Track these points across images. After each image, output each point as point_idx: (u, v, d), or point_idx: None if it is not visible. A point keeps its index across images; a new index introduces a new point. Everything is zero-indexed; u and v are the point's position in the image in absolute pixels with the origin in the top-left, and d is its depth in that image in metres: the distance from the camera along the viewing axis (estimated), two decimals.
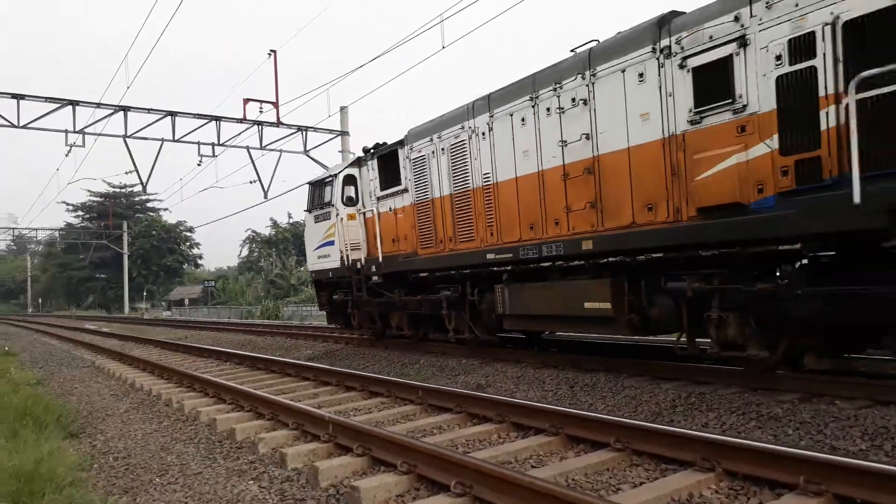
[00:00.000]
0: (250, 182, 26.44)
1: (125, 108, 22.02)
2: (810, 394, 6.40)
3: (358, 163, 13.87)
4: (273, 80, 23.03)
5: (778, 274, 6.49)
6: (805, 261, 6.32)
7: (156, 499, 4.98)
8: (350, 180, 13.81)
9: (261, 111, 23.57)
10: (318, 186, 14.54)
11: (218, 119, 23.69)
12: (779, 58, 6.25)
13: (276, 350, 14.99)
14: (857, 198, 5.39)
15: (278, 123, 23.82)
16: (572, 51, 8.76)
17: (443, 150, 11.03)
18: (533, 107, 9.13)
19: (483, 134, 10.09)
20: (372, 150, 13.23)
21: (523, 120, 9.32)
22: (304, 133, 25.00)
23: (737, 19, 6.61)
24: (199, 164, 24.84)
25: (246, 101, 23.39)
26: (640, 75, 7.65)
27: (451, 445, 5.45)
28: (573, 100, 8.47)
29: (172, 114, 22.90)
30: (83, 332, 28.63)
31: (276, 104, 23.48)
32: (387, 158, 12.62)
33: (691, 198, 7.05)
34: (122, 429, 7.59)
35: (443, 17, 14.22)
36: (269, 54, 22.93)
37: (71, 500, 4.30)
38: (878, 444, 5.06)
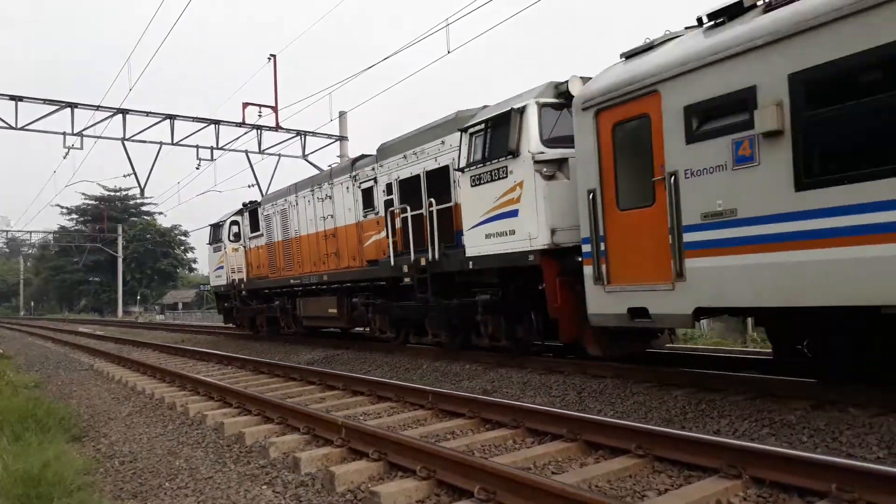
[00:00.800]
0: (248, 186, 26.45)
1: (124, 111, 21.92)
2: (823, 401, 6.34)
3: (241, 212, 20.37)
4: (273, 85, 23.01)
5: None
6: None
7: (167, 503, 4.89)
8: (235, 224, 20.52)
9: (260, 115, 23.53)
10: (214, 227, 21.46)
11: (217, 123, 23.62)
12: (384, 191, 12.75)
13: (274, 354, 14.88)
14: (392, 262, 12.19)
15: (277, 128, 23.76)
16: (329, 166, 16.33)
17: (278, 212, 17.49)
18: (312, 194, 15.60)
19: (294, 205, 16.51)
20: (247, 205, 20.08)
21: (309, 201, 15.75)
22: (302, 137, 24.96)
23: (373, 169, 13.14)
24: (197, 168, 24.78)
25: (245, 104, 23.35)
26: (347, 188, 14.13)
27: (467, 451, 5.36)
28: (327, 195, 14.91)
29: (171, 117, 22.83)
30: (78, 335, 28.41)
31: (275, 108, 23.43)
32: (252, 213, 19.50)
33: (364, 255, 13.62)
34: (126, 432, 7.48)
35: (448, 21, 14.20)
36: (269, 59, 22.89)
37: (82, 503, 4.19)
38: (895, 451, 5.01)
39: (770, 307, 6.28)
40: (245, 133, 24.10)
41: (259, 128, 23.88)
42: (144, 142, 22.98)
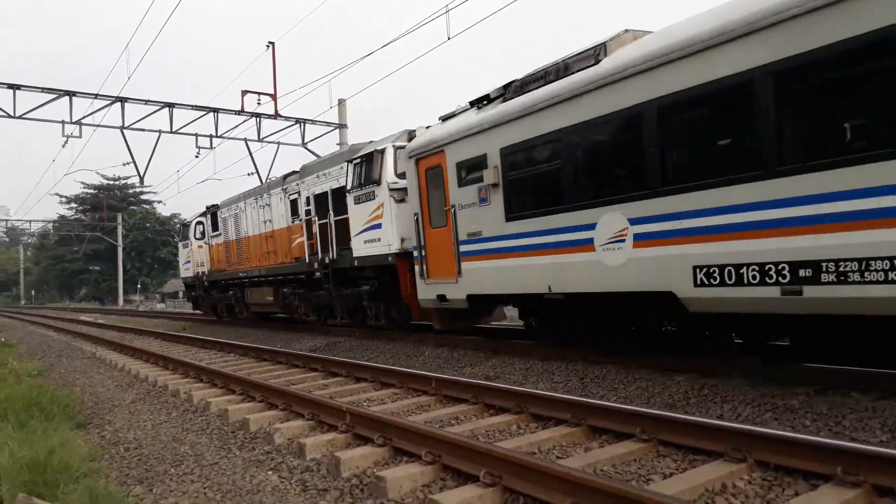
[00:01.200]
0: (248, 174, 26.34)
1: (123, 99, 21.79)
2: (825, 386, 6.35)
3: (205, 214, 23.41)
4: (272, 72, 22.89)
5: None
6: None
7: (172, 489, 4.90)
8: (200, 224, 23.72)
9: (259, 103, 23.40)
10: (183, 226, 25.24)
11: (216, 111, 23.49)
12: (305, 203, 15.60)
13: (276, 342, 14.90)
14: (307, 260, 15.42)
15: (276, 116, 23.64)
16: (268, 179, 20.15)
17: (232, 215, 20.75)
18: (256, 202, 18.83)
19: (244, 210, 19.74)
20: (209, 208, 22.91)
21: (254, 207, 18.97)
22: (302, 125, 24.83)
23: (297, 184, 16.05)
24: (196, 156, 24.66)
25: (244, 92, 23.18)
26: (280, 198, 17.18)
27: (472, 436, 5.38)
28: (266, 203, 18.09)
29: (170, 105, 22.69)
30: (79, 323, 28.44)
31: (274, 96, 23.30)
32: (213, 215, 22.54)
33: (292, 253, 16.51)
34: (130, 419, 7.50)
35: (448, 7, 14.10)
36: (268, 46, 22.76)
37: (91, 490, 4.20)
38: None
39: (501, 293, 9.83)
40: (244, 121, 23.96)
41: (258, 116, 23.75)
42: (143, 130, 22.88)
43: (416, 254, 11.31)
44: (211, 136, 23.93)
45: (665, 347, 8.34)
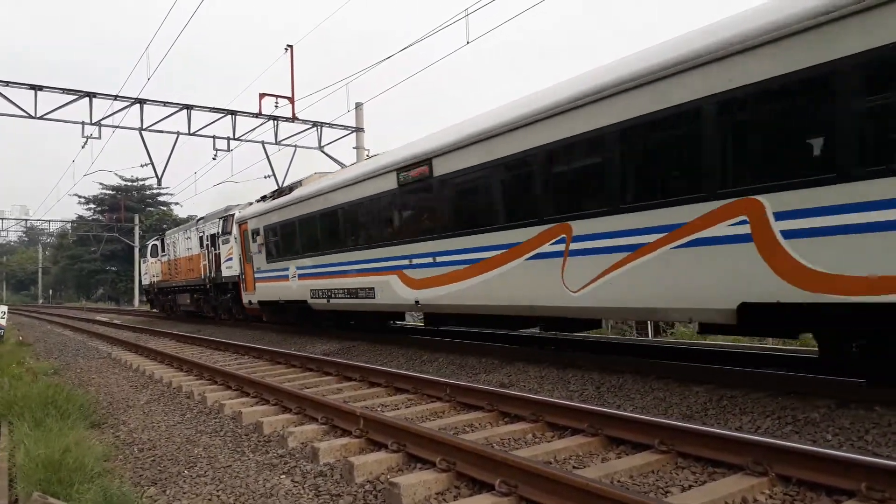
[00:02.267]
0: (265, 177, 26.59)
1: (142, 101, 21.98)
2: (847, 398, 6.24)
3: (158, 238, 32.44)
4: (289, 75, 23.01)
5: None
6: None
7: (186, 491, 4.89)
8: (155, 246, 32.33)
9: (276, 106, 23.52)
10: (143, 248, 36.36)
11: (233, 113, 23.64)
12: (206, 238, 24.69)
13: (290, 345, 14.91)
14: (203, 276, 25.33)
15: (294, 119, 23.76)
16: (200, 218, 27.72)
17: (172, 241, 29.11)
18: (184, 234, 27.35)
19: (178, 239, 28.08)
20: (161, 234, 32.05)
21: (182, 238, 27.42)
22: (319, 129, 24.94)
23: (202, 225, 25.32)
24: (214, 158, 24.83)
25: (262, 95, 23.33)
26: (195, 234, 25.66)
27: (487, 444, 5.32)
28: (189, 236, 26.48)
29: (188, 107, 22.88)
30: (95, 323, 28.67)
31: (291, 99, 23.43)
32: (162, 240, 31.10)
33: (200, 272, 25.21)
34: (144, 420, 7.51)
35: (468, 11, 14.09)
36: (286, 49, 22.87)
37: (105, 490, 4.19)
38: None
39: (270, 300, 18.25)
40: (261, 124, 24.09)
41: (275, 118, 23.89)
42: (161, 132, 23.07)
43: (241, 276, 20.21)
44: (228, 139, 24.11)
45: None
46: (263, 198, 19.07)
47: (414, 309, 11.99)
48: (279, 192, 17.78)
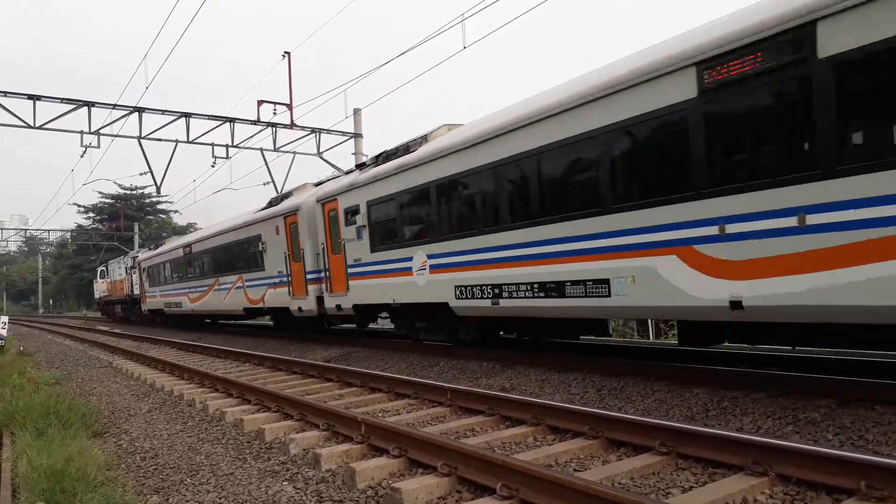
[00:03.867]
0: (264, 184, 26.49)
1: (140, 110, 22.03)
2: (847, 398, 6.26)
3: (105, 264, 44.69)
4: (287, 82, 23.06)
5: None
6: None
7: (188, 499, 4.90)
8: (103, 270, 44.09)
9: (275, 113, 23.58)
10: (96, 270, 47.92)
11: (232, 121, 23.67)
12: (125, 270, 39.21)
13: (290, 351, 14.92)
14: (130, 293, 38.47)
15: (292, 125, 23.81)
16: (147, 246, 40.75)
17: (113, 268, 41.12)
18: (119, 263, 40.36)
19: (116, 267, 40.34)
20: (107, 263, 44.07)
21: (118, 266, 39.98)
22: (317, 135, 24.97)
23: (125, 261, 39.08)
24: (212, 166, 24.87)
25: (260, 102, 23.37)
26: (125, 264, 39.18)
27: (488, 448, 5.34)
28: (119, 265, 40.14)
29: (187, 115, 22.90)
30: (96, 332, 28.68)
31: (289, 106, 23.48)
32: (107, 267, 42.82)
33: (124, 291, 39.38)
34: (146, 429, 7.53)
35: (464, 16, 14.13)
36: (284, 56, 22.93)
37: (108, 499, 4.21)
38: None
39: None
40: (260, 131, 24.13)
41: (274, 125, 23.93)
42: (160, 140, 23.09)
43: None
44: (227, 146, 24.12)
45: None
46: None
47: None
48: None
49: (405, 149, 12.16)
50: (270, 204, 18.31)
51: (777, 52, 6.04)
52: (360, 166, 14.35)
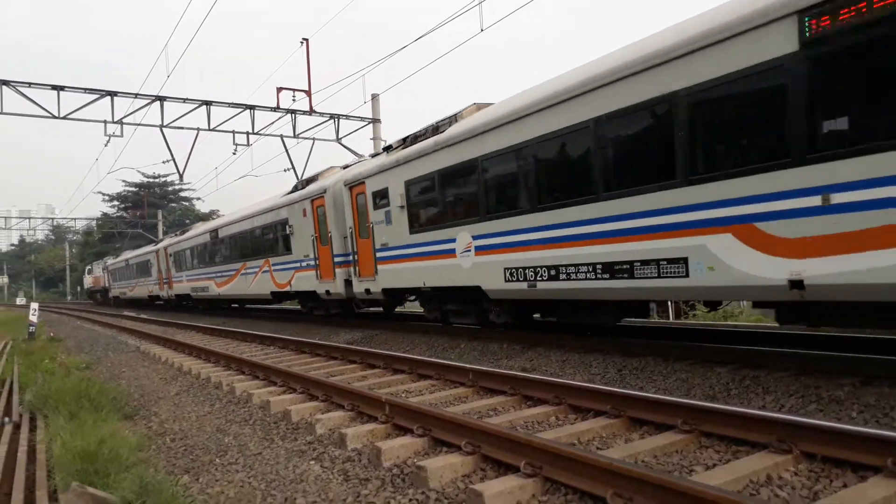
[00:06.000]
0: (284, 170, 26.60)
1: (162, 98, 22.20)
2: (871, 376, 6.20)
3: (89, 264, 63.63)
4: (306, 69, 23.10)
5: None
6: None
7: (218, 479, 5.02)
8: (89, 269, 60.93)
9: (294, 99, 23.66)
10: (87, 269, 63.70)
11: (252, 108, 23.79)
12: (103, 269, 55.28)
13: (314, 334, 15.08)
14: (105, 285, 56.13)
15: (311, 112, 23.87)
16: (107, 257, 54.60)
17: (94, 268, 58.55)
18: (98, 265, 57.67)
19: (95, 267, 57.94)
20: (92, 262, 62.05)
21: (97, 267, 57.06)
22: (336, 121, 25.01)
23: (105, 263, 54.49)
24: (234, 153, 25.05)
25: (279, 89, 23.44)
26: (101, 265, 57.44)
27: (511, 427, 5.38)
28: (98, 266, 59.32)
29: (208, 103, 23.04)
30: (123, 318, 29.17)
31: (308, 92, 23.52)
32: (92, 266, 60.05)
33: (100, 285, 57.21)
34: (175, 411, 7.68)
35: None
36: (302, 43, 22.95)
37: (141, 478, 4.32)
38: None
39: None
40: (280, 118, 24.25)
41: (293, 112, 24.02)
42: (182, 128, 23.28)
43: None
44: (248, 133, 24.27)
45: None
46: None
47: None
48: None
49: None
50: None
51: None
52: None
